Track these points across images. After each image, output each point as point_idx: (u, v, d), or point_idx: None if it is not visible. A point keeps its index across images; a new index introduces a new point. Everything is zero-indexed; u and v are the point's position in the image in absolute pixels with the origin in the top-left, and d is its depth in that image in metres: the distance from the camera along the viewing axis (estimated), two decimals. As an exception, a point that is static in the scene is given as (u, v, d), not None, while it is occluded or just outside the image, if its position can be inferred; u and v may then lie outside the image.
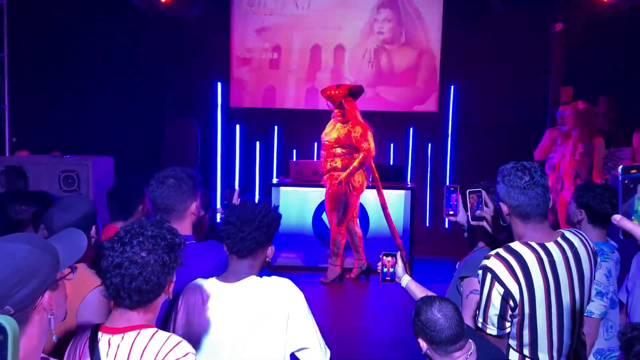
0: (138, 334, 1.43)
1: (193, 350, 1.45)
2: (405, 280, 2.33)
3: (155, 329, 1.46)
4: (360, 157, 5.40)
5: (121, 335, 1.43)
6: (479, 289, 1.96)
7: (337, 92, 5.37)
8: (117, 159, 4.43)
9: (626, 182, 1.29)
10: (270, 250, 1.88)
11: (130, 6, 5.90)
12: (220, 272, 1.87)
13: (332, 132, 5.45)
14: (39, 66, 4.74)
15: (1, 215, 2.33)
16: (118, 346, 1.42)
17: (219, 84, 7.02)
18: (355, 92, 5.50)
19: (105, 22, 5.50)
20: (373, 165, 5.60)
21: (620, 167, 1.29)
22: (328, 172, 5.44)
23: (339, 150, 5.40)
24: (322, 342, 1.85)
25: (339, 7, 6.98)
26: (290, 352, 1.83)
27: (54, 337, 1.27)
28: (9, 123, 4.39)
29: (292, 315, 1.79)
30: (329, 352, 1.86)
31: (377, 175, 5.62)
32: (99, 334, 1.45)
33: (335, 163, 5.41)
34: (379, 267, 2.38)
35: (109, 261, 1.41)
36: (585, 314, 2.22)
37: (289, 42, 7.06)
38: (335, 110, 5.41)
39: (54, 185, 3.62)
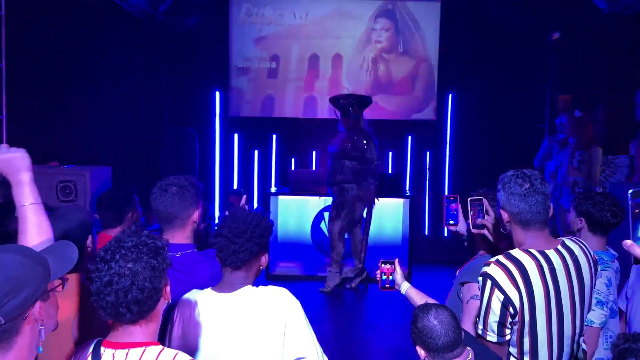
0: (144, 352, 1.40)
1: None
2: (405, 287, 2.32)
3: (161, 347, 1.43)
4: (373, 169, 5.53)
5: (125, 351, 1.40)
6: (479, 294, 1.96)
7: (345, 100, 5.43)
8: (115, 168, 4.42)
9: (637, 211, 1.22)
10: (265, 259, 1.86)
11: (128, 16, 5.93)
12: (218, 279, 1.86)
13: (338, 142, 5.47)
14: (37, 76, 4.73)
15: None
16: None
17: (217, 93, 7.03)
18: (363, 102, 5.56)
19: (103, 32, 5.50)
20: None
21: (630, 191, 1.23)
22: (338, 183, 5.45)
23: (347, 162, 5.44)
24: (320, 351, 1.84)
25: (337, 16, 7.01)
26: None
27: (39, 349, 1.25)
28: (7, 133, 4.38)
29: (289, 325, 1.77)
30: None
31: None
32: (102, 348, 1.43)
33: (345, 175, 5.45)
34: (378, 275, 2.37)
35: (98, 282, 1.38)
36: (585, 323, 2.21)
37: (287, 52, 7.08)
38: (342, 119, 5.46)
39: (51, 196, 3.61)
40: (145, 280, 1.38)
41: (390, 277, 2.35)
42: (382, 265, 2.37)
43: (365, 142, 5.45)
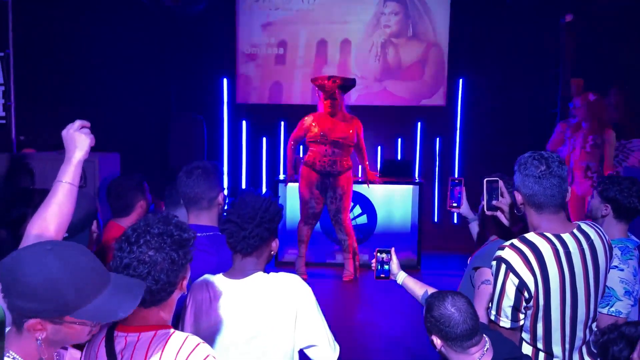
0: (155, 335, 1.41)
1: (213, 352, 1.43)
2: (402, 277, 2.27)
3: (172, 330, 1.44)
4: (365, 154, 5.52)
5: (137, 334, 1.41)
6: (491, 279, 1.93)
7: (330, 82, 5.31)
8: (123, 155, 4.41)
9: None
10: (275, 244, 1.85)
11: (135, 2, 5.89)
12: (226, 267, 1.84)
13: (339, 128, 5.31)
14: (44, 63, 4.73)
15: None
16: (135, 346, 1.40)
17: (225, 80, 7.00)
18: (348, 85, 5.48)
19: (110, 18, 5.48)
20: None
21: None
22: (345, 171, 5.38)
23: (351, 148, 5.40)
24: (332, 338, 1.82)
25: (345, 1, 6.92)
26: (299, 349, 1.80)
27: None
28: (15, 120, 4.38)
29: (301, 312, 1.76)
30: (338, 347, 1.83)
31: None
32: (115, 332, 1.44)
33: (349, 162, 5.42)
34: (374, 265, 2.31)
35: (117, 262, 1.40)
36: (612, 314, 2.18)
37: (295, 37, 7.01)
38: (325, 102, 5.30)
39: (60, 182, 3.59)
40: (162, 272, 1.38)
41: (386, 267, 2.28)
42: (378, 254, 2.30)
43: (360, 127, 5.43)
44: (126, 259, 1.38)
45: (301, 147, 5.78)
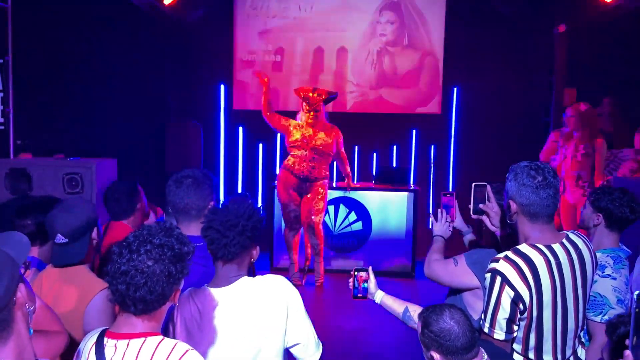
0: (144, 342, 1.42)
1: (202, 358, 1.46)
2: (379, 295, 2.25)
3: (161, 337, 1.46)
4: (346, 162, 5.65)
5: (126, 341, 1.43)
6: (458, 260, 2.05)
7: (315, 95, 5.36)
8: (120, 161, 4.44)
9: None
10: (256, 252, 1.86)
11: (133, 9, 5.93)
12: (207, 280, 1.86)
13: (322, 137, 5.35)
14: (43, 69, 4.76)
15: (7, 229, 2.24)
16: (124, 353, 1.42)
17: (222, 87, 7.04)
18: (332, 98, 5.56)
19: (108, 25, 5.51)
20: None
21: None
22: (322, 179, 5.44)
23: (330, 157, 5.48)
24: (316, 336, 1.86)
25: (342, 9, 6.99)
26: (286, 347, 1.83)
27: (30, 331, 1.21)
28: (14, 126, 4.41)
29: (291, 311, 1.79)
30: (321, 346, 1.88)
31: None
32: (105, 339, 1.45)
33: (327, 171, 5.50)
34: (351, 284, 2.26)
35: (116, 267, 1.40)
36: (605, 322, 2.21)
37: (292, 45, 7.06)
38: (308, 114, 5.35)
39: (57, 188, 3.61)
40: (158, 284, 1.40)
41: (364, 286, 2.24)
42: (356, 273, 2.25)
43: (341, 137, 5.51)
44: (124, 265, 1.39)
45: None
